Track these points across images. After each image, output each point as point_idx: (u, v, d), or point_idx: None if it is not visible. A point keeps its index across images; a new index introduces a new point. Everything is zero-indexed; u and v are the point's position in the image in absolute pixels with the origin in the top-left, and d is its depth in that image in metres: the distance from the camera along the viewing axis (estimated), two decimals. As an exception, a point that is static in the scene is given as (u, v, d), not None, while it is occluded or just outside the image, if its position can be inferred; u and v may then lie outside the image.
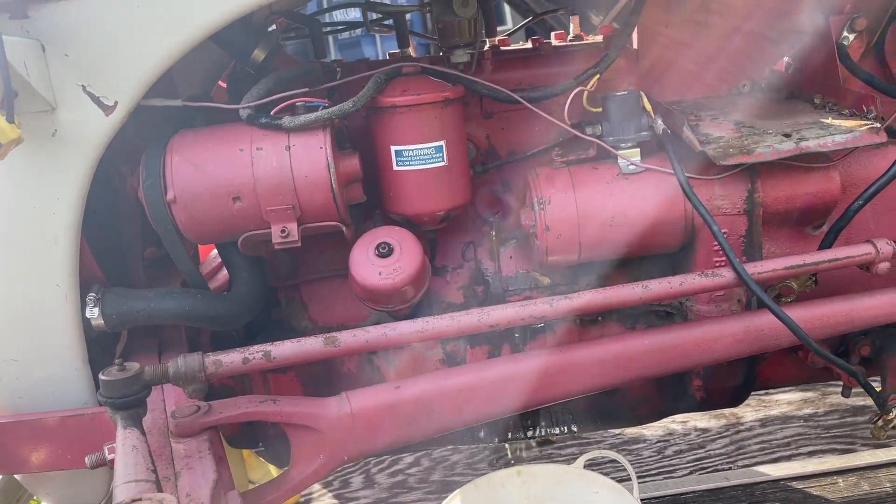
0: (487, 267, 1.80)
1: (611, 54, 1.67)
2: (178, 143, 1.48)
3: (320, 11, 1.90)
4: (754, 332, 1.56)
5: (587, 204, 1.61)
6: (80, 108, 1.38)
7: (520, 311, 1.45)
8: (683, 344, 1.54)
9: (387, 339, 1.39)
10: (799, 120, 1.65)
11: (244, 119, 1.49)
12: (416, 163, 1.58)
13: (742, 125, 1.67)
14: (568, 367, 1.54)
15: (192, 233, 1.50)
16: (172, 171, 1.45)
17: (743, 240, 1.64)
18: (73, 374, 1.51)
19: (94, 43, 1.36)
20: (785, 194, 1.63)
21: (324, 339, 1.36)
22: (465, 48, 1.64)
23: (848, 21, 1.67)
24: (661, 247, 1.68)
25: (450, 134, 1.60)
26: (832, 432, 2.68)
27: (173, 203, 1.45)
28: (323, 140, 1.46)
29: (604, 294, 1.47)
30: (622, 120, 1.62)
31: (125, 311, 1.51)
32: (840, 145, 1.53)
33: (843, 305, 1.59)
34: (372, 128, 1.61)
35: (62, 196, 1.41)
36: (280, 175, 1.45)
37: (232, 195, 1.45)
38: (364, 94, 1.50)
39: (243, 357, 1.34)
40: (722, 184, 1.62)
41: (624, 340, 1.55)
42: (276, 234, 1.47)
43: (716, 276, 1.50)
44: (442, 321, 1.41)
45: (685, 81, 1.89)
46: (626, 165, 1.62)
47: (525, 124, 1.77)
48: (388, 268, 1.50)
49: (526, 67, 1.80)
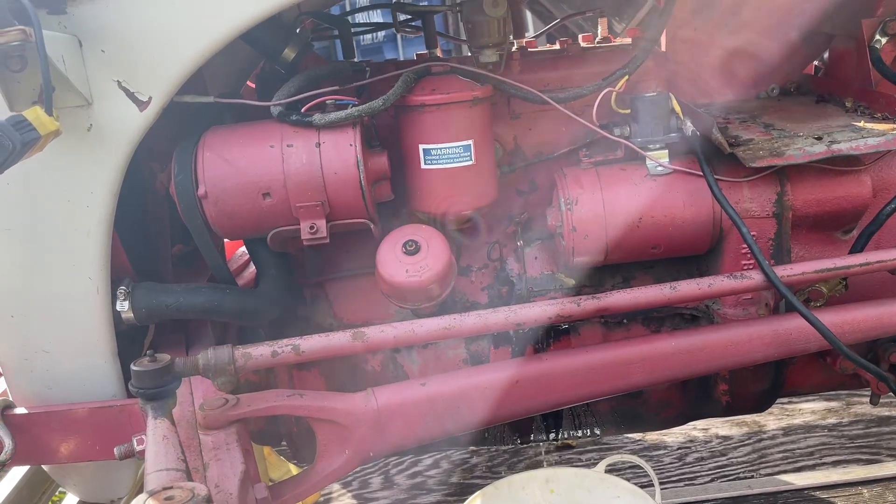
0: (512, 267, 1.80)
1: (639, 55, 1.66)
2: (209, 139, 1.49)
3: (347, 13, 1.92)
4: (783, 336, 1.55)
5: (614, 205, 1.61)
6: (115, 103, 1.40)
7: (547, 309, 1.45)
8: (711, 346, 1.53)
9: (414, 335, 1.39)
10: (830, 123, 1.64)
11: (275, 116, 1.50)
12: (443, 161, 1.58)
13: (772, 128, 1.66)
14: (594, 368, 1.53)
15: (222, 228, 1.51)
16: (204, 167, 1.46)
17: (772, 243, 1.63)
18: (102, 366, 1.53)
19: (129, 39, 1.38)
20: (815, 197, 1.61)
21: (352, 333, 1.37)
22: (494, 48, 1.65)
23: (881, 24, 1.66)
24: (689, 249, 1.67)
25: (478, 133, 1.60)
26: (857, 442, 2.64)
27: (204, 198, 1.47)
28: (353, 137, 1.48)
29: (631, 294, 1.46)
30: (651, 121, 1.62)
31: (154, 304, 1.53)
32: (873, 148, 1.52)
33: (874, 311, 1.57)
34: (400, 126, 1.62)
35: (96, 190, 1.43)
36: (310, 171, 1.46)
37: (262, 191, 1.46)
38: (394, 92, 1.51)
39: (272, 350, 1.35)
40: (751, 186, 1.61)
41: (651, 342, 1.55)
42: (305, 230, 1.48)
43: (745, 278, 1.49)
44: (469, 318, 1.42)
45: (714, 84, 1.89)
46: (654, 167, 1.62)
47: (552, 125, 1.77)
48: (415, 265, 1.51)
49: (554, 68, 1.80)
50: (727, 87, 1.89)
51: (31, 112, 1.18)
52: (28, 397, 1.56)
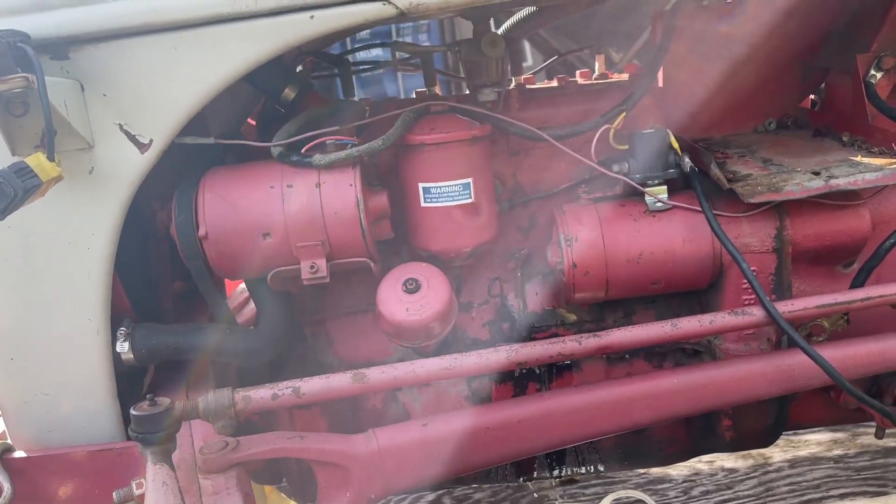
0: (513, 303, 1.80)
1: (637, 92, 1.68)
2: (210, 180, 1.50)
3: (348, 52, 1.94)
4: (786, 372, 1.54)
5: (614, 241, 1.61)
6: (116, 145, 1.41)
7: (548, 348, 1.44)
8: (714, 383, 1.53)
9: (415, 375, 1.39)
10: (827, 158, 1.65)
11: (275, 157, 1.51)
12: (443, 199, 1.59)
13: (770, 163, 1.67)
14: (596, 407, 1.52)
15: (223, 268, 1.51)
16: (205, 208, 1.47)
17: (772, 278, 1.63)
18: (101, 409, 1.52)
19: (131, 83, 1.40)
20: (814, 232, 1.61)
21: (352, 375, 1.36)
22: (492, 87, 1.67)
23: (875, 59, 1.68)
24: (689, 284, 1.67)
25: (477, 171, 1.61)
26: (863, 474, 2.61)
27: (205, 239, 1.47)
28: (353, 177, 1.48)
29: (632, 332, 1.46)
30: (649, 157, 1.63)
31: (155, 345, 1.53)
32: (870, 183, 1.52)
33: (876, 345, 1.56)
34: (400, 165, 1.63)
35: (97, 231, 1.44)
36: (310, 212, 1.47)
37: (262, 231, 1.47)
38: (394, 132, 1.53)
39: (273, 393, 1.35)
40: (750, 221, 1.61)
41: (653, 379, 1.54)
42: (305, 269, 1.49)
43: (746, 314, 1.48)
44: (470, 358, 1.41)
45: (711, 119, 1.90)
46: (653, 203, 1.62)
47: (551, 161, 1.78)
48: (416, 304, 1.51)
49: (552, 105, 1.82)
50: (724, 121, 1.90)
51: (33, 159, 1.19)
52: (27, 440, 1.55)
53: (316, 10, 1.35)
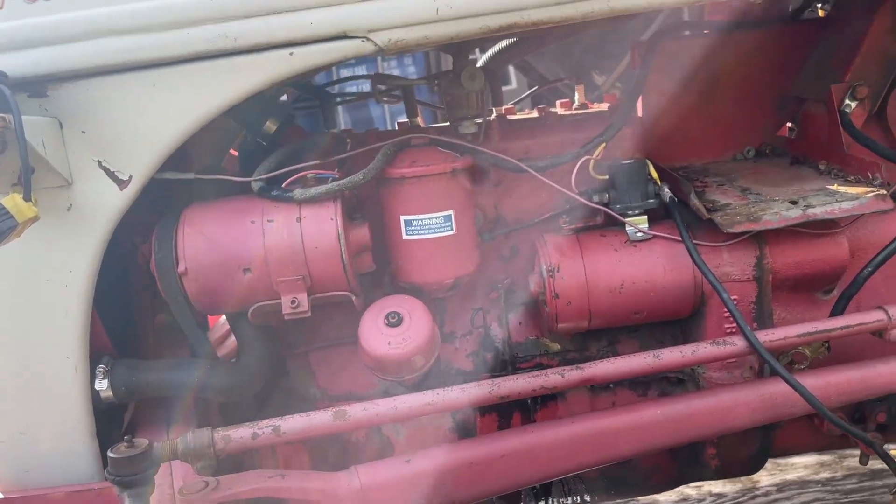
0: (497, 333, 1.80)
1: (616, 123, 1.69)
2: (190, 216, 1.50)
3: (330, 83, 1.95)
4: (769, 401, 1.54)
5: (596, 271, 1.61)
6: (95, 182, 1.41)
7: (531, 381, 1.44)
8: (696, 414, 1.52)
9: (396, 412, 1.38)
10: (805, 186, 1.66)
11: (256, 191, 1.51)
12: (425, 232, 1.59)
13: (748, 192, 1.68)
14: (580, 440, 1.51)
15: (203, 304, 1.51)
16: (184, 244, 1.46)
17: (753, 306, 1.64)
18: (80, 448, 1.50)
19: (110, 120, 1.40)
20: (793, 260, 1.63)
21: (333, 412, 1.35)
22: (472, 119, 1.67)
23: (849, 89, 1.70)
24: (671, 313, 1.67)
25: (458, 203, 1.61)
26: (850, 497, 2.61)
27: (185, 275, 1.46)
28: (333, 211, 1.48)
29: (615, 364, 1.46)
30: (629, 187, 1.64)
31: (134, 382, 1.51)
32: (847, 212, 1.54)
33: (857, 373, 1.57)
34: (381, 198, 1.63)
35: (75, 269, 1.43)
36: (291, 246, 1.46)
37: (243, 266, 1.46)
38: (374, 165, 1.53)
39: (252, 432, 1.33)
40: (730, 251, 1.62)
41: (637, 411, 1.53)
42: (286, 304, 1.48)
43: (727, 344, 1.49)
44: (452, 393, 1.40)
45: (690, 147, 1.92)
46: (633, 233, 1.63)
47: (533, 192, 1.79)
48: (398, 337, 1.50)
49: (532, 136, 1.83)
50: (704, 149, 1.92)
51: (9, 200, 1.18)
52: (4, 481, 1.52)
53: (295, 48, 1.36)
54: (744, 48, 1.88)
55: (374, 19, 1.34)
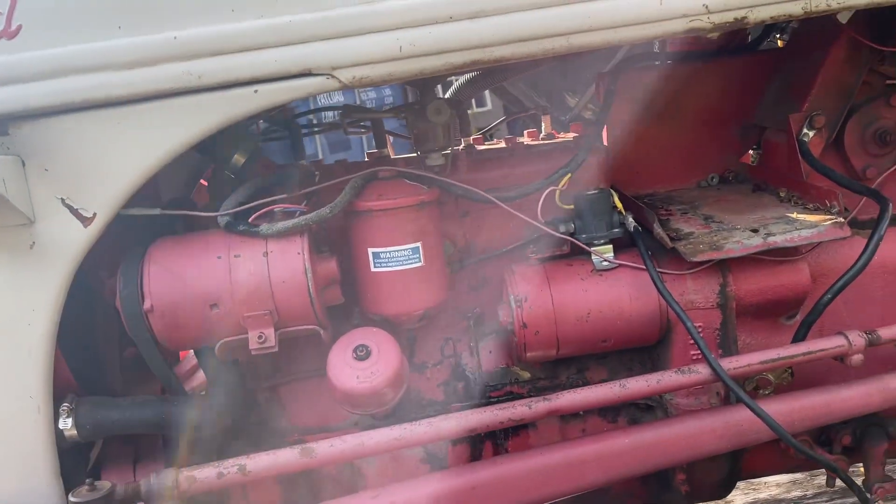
0: (467, 363, 1.80)
1: (581, 154, 1.72)
2: (155, 252, 1.49)
3: (300, 114, 1.96)
4: (734, 428, 1.56)
5: (563, 300, 1.63)
6: (58, 220, 1.39)
7: (499, 414, 1.44)
8: (664, 442, 1.54)
9: (364, 447, 1.37)
10: (766, 214, 1.69)
11: (222, 226, 1.51)
12: (393, 264, 1.60)
13: (711, 220, 1.71)
14: (550, 470, 1.52)
15: (169, 340, 1.50)
16: (150, 280, 1.46)
17: (718, 333, 1.66)
18: (43, 488, 1.47)
19: (73, 157, 1.39)
20: (756, 287, 1.65)
21: (300, 450, 1.35)
22: (439, 151, 1.69)
23: (807, 118, 1.74)
24: (638, 341, 1.69)
25: (426, 235, 1.62)
26: (823, 515, 2.64)
27: (150, 312, 1.46)
28: (300, 245, 1.49)
29: (582, 394, 1.47)
30: (594, 217, 1.66)
31: (99, 420, 1.49)
32: (806, 240, 1.57)
33: (820, 397, 1.60)
34: (349, 230, 1.63)
35: (38, 307, 1.41)
36: (257, 281, 1.46)
37: (209, 302, 1.46)
38: (341, 199, 1.54)
39: (218, 472, 1.32)
40: (694, 279, 1.64)
41: (605, 440, 1.54)
42: (253, 339, 1.48)
43: (692, 372, 1.51)
44: (420, 427, 1.40)
45: (655, 175, 1.95)
46: (599, 262, 1.65)
47: (501, 222, 1.80)
48: (366, 371, 1.50)
49: (500, 167, 1.85)
50: (668, 177, 1.95)
51: (-32, 241, 1.17)
52: (-35, 524, 1.49)
53: (260, 85, 1.37)
54: (706, 77, 1.92)
55: (337, 56, 1.35)
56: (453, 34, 1.35)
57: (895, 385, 1.59)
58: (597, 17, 1.37)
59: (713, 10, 1.38)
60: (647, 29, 1.39)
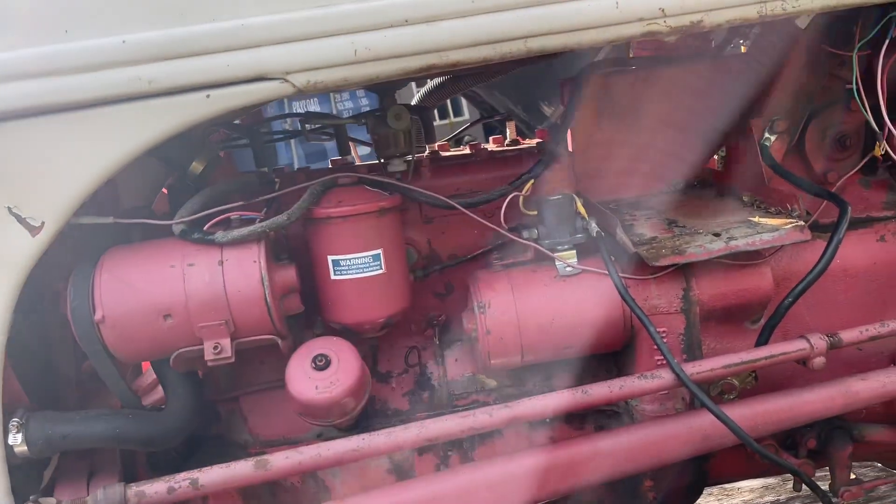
0: (433, 371, 1.78)
1: (544, 159, 1.71)
2: (107, 261, 1.46)
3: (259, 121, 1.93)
4: (699, 433, 1.55)
5: (526, 307, 1.61)
6: (5, 230, 1.35)
7: (460, 423, 1.42)
8: (629, 449, 1.53)
9: (321, 459, 1.35)
10: (729, 218, 1.69)
11: (177, 234, 1.48)
12: (353, 272, 1.57)
13: (674, 224, 1.70)
14: (516, 479, 1.50)
15: (122, 352, 1.46)
16: (101, 290, 1.42)
17: (682, 338, 1.65)
18: (-8, 507, 1.43)
19: (20, 165, 1.35)
20: (720, 291, 1.65)
21: (254, 462, 1.32)
22: (401, 157, 1.67)
23: (769, 123, 1.75)
24: (603, 347, 1.68)
25: (387, 241, 1.60)
26: (796, 520, 2.64)
27: (102, 323, 1.42)
28: (257, 253, 1.46)
29: (543, 402, 1.45)
30: (557, 223, 1.65)
31: (51, 436, 1.45)
32: (767, 244, 1.57)
33: (784, 401, 1.59)
34: (309, 238, 1.61)
35: (-15, 320, 1.37)
36: (212, 291, 1.43)
37: (163, 313, 1.43)
38: (299, 206, 1.51)
39: (168, 486, 1.29)
40: (657, 283, 1.64)
41: (569, 448, 1.53)
42: (208, 350, 1.44)
43: (655, 377, 1.50)
44: (379, 438, 1.38)
45: (621, 181, 1.94)
46: (563, 268, 1.64)
47: (465, 228, 1.78)
48: (326, 381, 1.48)
49: (464, 173, 1.83)
50: (634, 182, 1.95)
51: None
52: (-90, 544, 1.44)
53: (212, 90, 1.34)
54: (671, 82, 1.92)
55: (291, 61, 1.33)
56: (409, 38, 1.33)
57: (857, 388, 1.59)
58: (553, 21, 1.36)
59: (669, 13, 1.38)
60: (604, 32, 1.38)
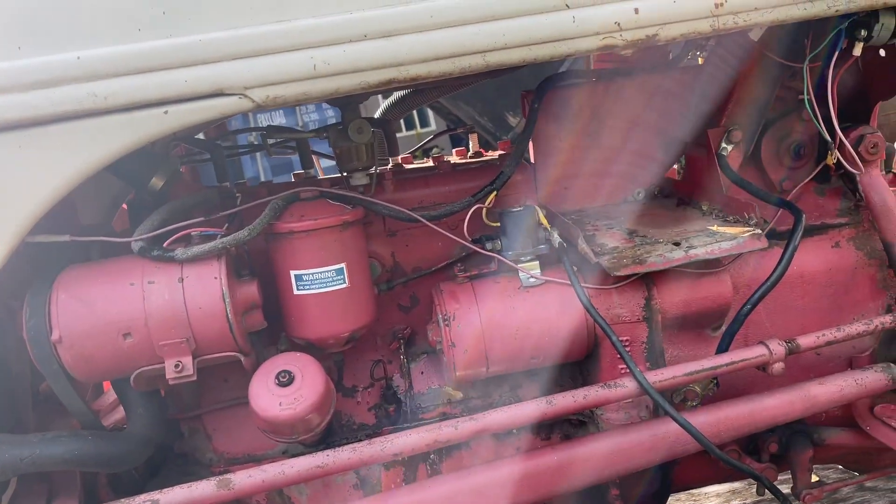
0: (399, 385, 1.78)
1: (506, 171, 1.72)
2: (64, 280, 1.43)
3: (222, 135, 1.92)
4: (663, 440, 1.57)
5: (491, 318, 1.62)
6: (-44, 250, 1.32)
7: (425, 436, 1.42)
8: (594, 458, 1.54)
9: (285, 477, 1.33)
10: (688, 227, 1.72)
11: (136, 252, 1.46)
12: (316, 286, 1.57)
13: (635, 234, 1.73)
14: (482, 491, 1.50)
15: (80, 372, 1.43)
16: (58, 310, 1.40)
17: (645, 346, 1.67)
18: (-55, 534, 1.39)
19: (-28, 184, 1.32)
20: (681, 299, 1.67)
21: (216, 482, 1.30)
22: (363, 171, 1.67)
23: (725, 133, 1.78)
24: (567, 356, 1.69)
25: (350, 255, 1.60)
26: (762, 523, 2.67)
27: (59, 343, 1.39)
28: (217, 270, 1.45)
29: (508, 413, 1.45)
30: (520, 234, 1.66)
31: (8, 459, 1.42)
32: (726, 252, 1.60)
33: (745, 407, 1.62)
34: (271, 253, 1.60)
35: (-64, 342, 1.34)
36: (173, 308, 1.41)
37: (122, 332, 1.40)
38: (260, 221, 1.50)
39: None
40: (619, 293, 1.65)
41: (534, 458, 1.53)
42: (169, 368, 1.42)
43: (618, 386, 1.51)
44: (343, 454, 1.37)
45: (583, 192, 1.96)
46: (526, 278, 1.65)
47: (429, 240, 1.79)
48: (289, 397, 1.46)
49: (427, 186, 1.84)
50: (596, 193, 1.97)
51: None
52: None
53: (169, 106, 1.33)
54: (630, 94, 1.95)
55: (250, 76, 1.32)
56: (368, 52, 1.34)
57: (816, 392, 1.62)
58: (512, 35, 1.37)
59: (625, 27, 1.40)
60: (562, 46, 1.40)
